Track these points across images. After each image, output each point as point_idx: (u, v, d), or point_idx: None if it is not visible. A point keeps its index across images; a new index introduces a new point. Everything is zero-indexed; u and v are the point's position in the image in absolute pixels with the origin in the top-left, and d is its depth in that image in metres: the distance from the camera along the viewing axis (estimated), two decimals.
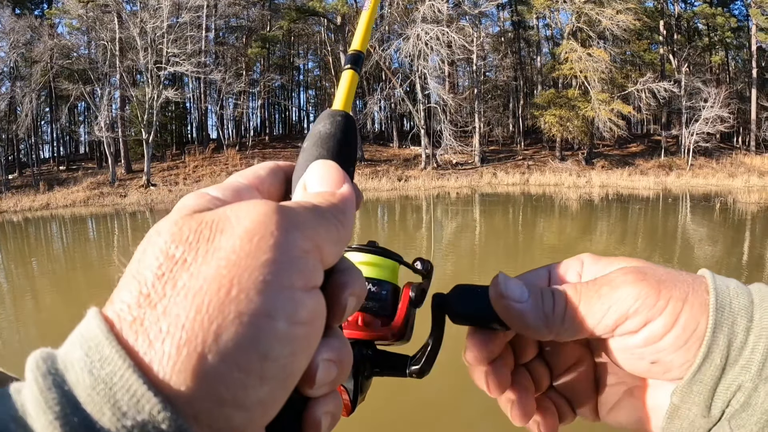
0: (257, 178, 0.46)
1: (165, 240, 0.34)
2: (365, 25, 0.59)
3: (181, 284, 0.32)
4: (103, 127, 29.55)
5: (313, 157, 0.47)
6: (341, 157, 0.48)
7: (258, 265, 0.32)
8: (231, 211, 0.35)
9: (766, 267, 13.55)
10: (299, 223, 0.36)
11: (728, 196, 28.82)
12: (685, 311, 0.48)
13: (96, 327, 0.31)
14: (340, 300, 0.40)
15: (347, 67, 0.55)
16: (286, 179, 0.49)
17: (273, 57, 45.76)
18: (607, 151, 41.27)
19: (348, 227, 0.42)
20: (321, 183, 0.44)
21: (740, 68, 47.71)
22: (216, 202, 0.39)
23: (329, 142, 0.49)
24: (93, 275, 13.05)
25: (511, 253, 15.59)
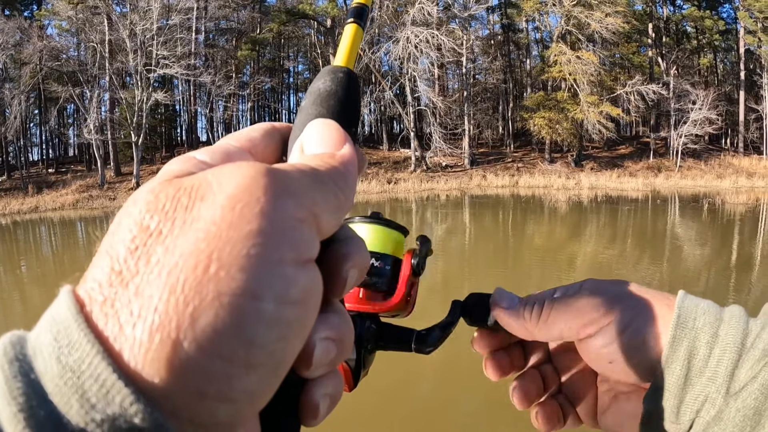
0: (250, 141, 0.42)
1: (140, 209, 0.30)
2: None
3: (155, 260, 0.28)
4: (93, 130, 29.47)
5: (311, 117, 0.43)
6: (343, 117, 0.44)
7: (241, 237, 0.28)
8: (213, 175, 0.31)
9: (754, 267, 13.64)
10: (292, 188, 0.32)
11: (716, 197, 28.98)
12: (637, 319, 0.56)
13: (66, 308, 0.28)
14: (341, 273, 0.36)
15: (350, 20, 0.51)
16: (282, 141, 0.44)
17: (263, 59, 45.69)
18: (596, 153, 41.40)
19: (349, 192, 0.37)
20: (320, 144, 0.40)
21: (728, 71, 48.01)
22: (202, 167, 0.35)
23: (330, 100, 0.44)
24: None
25: (501, 255, 15.63)
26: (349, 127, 0.43)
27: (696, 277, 12.70)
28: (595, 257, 14.92)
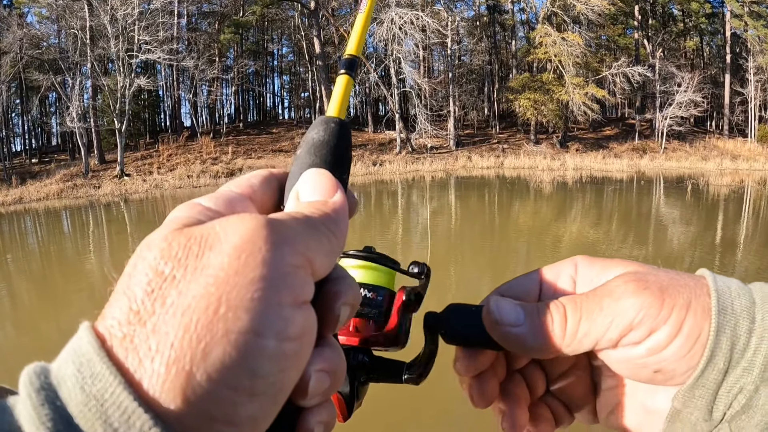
0: (250, 187, 0.45)
1: (154, 255, 0.34)
2: (360, 29, 0.57)
3: (170, 301, 0.32)
4: (75, 118, 28.98)
5: (306, 165, 0.47)
6: (335, 165, 0.47)
7: (246, 283, 0.32)
8: (220, 226, 0.35)
9: (738, 247, 13.61)
10: (288, 237, 0.36)
11: (701, 179, 29.02)
12: (689, 318, 0.47)
13: (87, 343, 0.31)
14: (333, 310, 0.40)
15: (342, 72, 0.54)
16: (279, 187, 0.48)
17: (246, 43, 45.28)
18: (581, 135, 41.43)
19: (341, 237, 0.41)
20: (313, 192, 0.43)
21: (714, 54, 48.07)
22: (208, 213, 0.39)
23: (322, 149, 0.48)
24: (68, 269, 12.81)
25: (487, 236, 15.53)
26: (341, 174, 0.47)
27: (680, 256, 12.64)
28: (581, 237, 14.84)
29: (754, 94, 40.75)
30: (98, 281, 11.39)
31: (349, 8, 41.96)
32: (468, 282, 10.50)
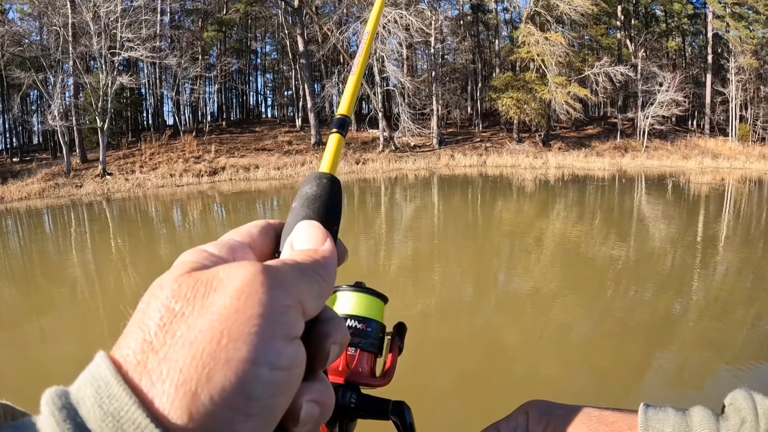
0: (250, 236, 0.50)
1: (166, 295, 0.38)
2: (352, 91, 0.61)
3: (179, 334, 0.36)
4: (57, 116, 28.68)
5: (300, 217, 0.52)
6: (326, 218, 0.52)
7: (245, 319, 0.37)
8: (223, 271, 0.40)
9: (719, 244, 13.71)
10: (282, 281, 0.40)
11: (682, 177, 29.25)
12: None
13: (105, 368, 0.35)
14: (323, 348, 0.44)
15: (334, 130, 0.59)
16: (275, 235, 0.52)
17: (229, 41, 45.09)
18: (564, 134, 41.66)
19: (329, 281, 0.46)
20: (305, 241, 0.48)
21: (696, 54, 48.54)
22: (212, 259, 0.44)
23: (315, 203, 0.52)
24: (51, 270, 12.67)
25: (470, 234, 15.56)
26: (331, 226, 0.52)
27: (662, 254, 12.71)
28: (563, 235, 14.89)
29: (735, 93, 41.21)
30: (81, 280, 11.30)
31: (332, 6, 41.92)
32: (451, 282, 10.51)
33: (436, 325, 8.13)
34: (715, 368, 6.65)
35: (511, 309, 8.90)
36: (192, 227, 17.73)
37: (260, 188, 26.04)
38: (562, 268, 11.45)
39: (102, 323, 8.41)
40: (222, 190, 25.53)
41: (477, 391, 6.08)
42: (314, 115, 36.01)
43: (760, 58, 41.41)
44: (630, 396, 6.05)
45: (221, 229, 17.21)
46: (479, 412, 5.60)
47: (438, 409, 5.61)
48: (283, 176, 29.49)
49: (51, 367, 6.84)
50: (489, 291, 10.15)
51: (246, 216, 19.43)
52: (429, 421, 5.39)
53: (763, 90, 43.33)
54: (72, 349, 7.37)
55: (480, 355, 7.04)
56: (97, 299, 9.84)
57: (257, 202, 22.78)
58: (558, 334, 7.75)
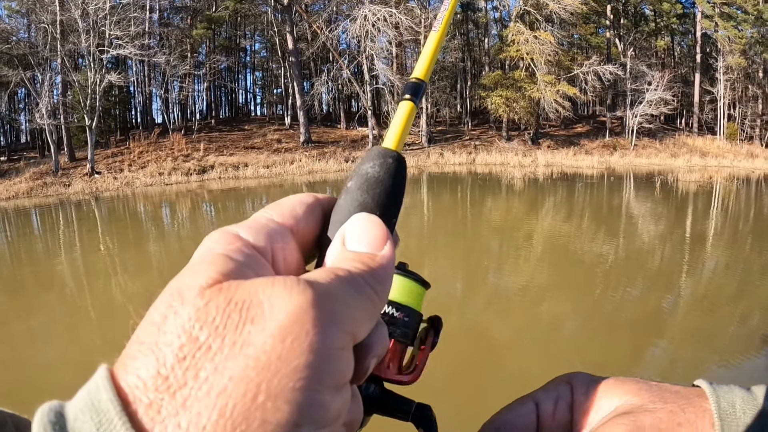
0: (294, 218, 0.43)
1: (189, 315, 0.31)
2: (432, 51, 0.52)
3: (203, 376, 0.30)
4: (45, 114, 28.43)
5: (357, 203, 0.44)
6: (387, 209, 0.45)
7: (289, 371, 0.30)
8: (264, 294, 0.32)
9: (707, 242, 13.77)
10: (336, 315, 0.33)
11: (670, 175, 29.40)
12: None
13: (108, 400, 0.29)
14: (363, 364, 0.38)
15: (406, 97, 0.50)
16: (323, 215, 0.45)
17: (219, 38, 44.87)
18: (553, 132, 41.79)
19: (384, 299, 0.39)
20: (362, 241, 0.41)
21: (685, 53, 48.76)
22: (246, 252, 0.37)
23: (376, 188, 0.45)
24: (39, 270, 12.60)
25: (459, 232, 15.57)
26: (390, 218, 0.45)
27: (651, 251, 12.77)
28: (553, 232, 14.93)
29: (724, 93, 41.44)
30: (69, 280, 11.24)
31: (322, 4, 41.81)
32: (441, 279, 10.50)
33: None
34: (705, 363, 6.68)
35: (500, 305, 8.91)
36: (181, 226, 17.67)
37: (249, 186, 25.99)
38: (552, 265, 11.48)
39: (91, 323, 8.37)
40: (211, 189, 25.45)
41: (467, 387, 6.08)
42: (303, 113, 35.91)
43: (749, 57, 41.66)
44: None
45: (210, 227, 17.13)
46: (470, 409, 5.60)
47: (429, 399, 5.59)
48: (272, 174, 29.43)
49: (38, 367, 6.80)
50: (479, 288, 10.17)
51: (235, 215, 19.40)
52: None
53: (751, 89, 43.62)
54: (60, 349, 7.33)
55: (470, 351, 7.04)
56: (85, 299, 9.78)
57: (246, 200, 22.71)
58: (548, 329, 7.77)
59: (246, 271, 0.35)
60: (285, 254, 0.41)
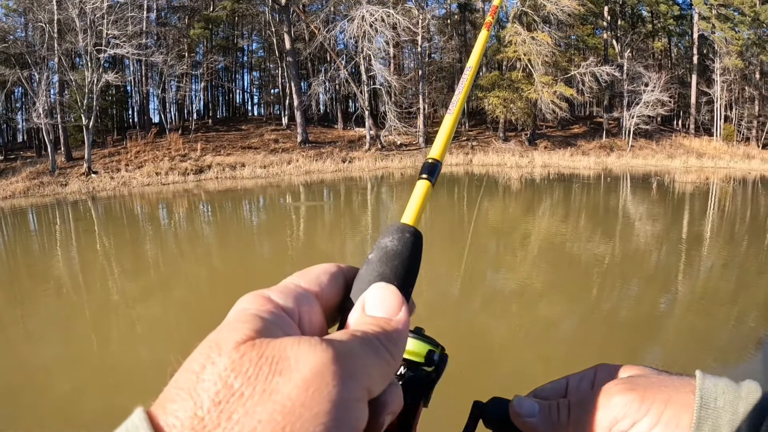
0: (319, 285, 0.48)
1: (225, 366, 0.35)
2: (448, 132, 0.59)
3: (236, 418, 0.33)
4: (42, 114, 28.34)
5: (376, 274, 0.49)
6: (403, 279, 0.50)
7: (311, 416, 0.34)
8: (291, 350, 0.37)
9: (704, 243, 13.80)
10: (353, 369, 0.38)
11: (667, 176, 29.45)
12: (668, 411, 0.55)
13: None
14: (378, 420, 0.42)
15: (423, 176, 0.56)
16: (345, 282, 0.51)
17: (216, 38, 44.78)
18: (549, 133, 41.85)
19: (398, 359, 0.44)
20: (379, 307, 0.46)
21: (682, 55, 48.89)
22: (276, 313, 0.42)
23: (394, 260, 0.50)
24: (35, 269, 12.57)
25: (457, 233, 15.56)
26: (407, 287, 0.50)
27: (648, 252, 12.79)
28: (549, 233, 14.94)
29: (720, 94, 41.56)
30: (65, 279, 11.22)
31: (320, 4, 41.78)
32: (437, 279, 10.50)
33: (420, 323, 8.12)
34: (700, 364, 6.67)
35: (496, 306, 8.92)
36: (178, 226, 17.64)
37: (246, 186, 25.96)
38: (548, 266, 11.49)
39: (87, 322, 8.35)
40: (208, 189, 25.42)
41: (462, 389, 6.08)
42: (301, 113, 35.89)
43: (745, 59, 41.78)
44: None
45: (207, 228, 17.16)
46: (464, 410, 5.60)
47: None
48: (269, 174, 29.41)
49: (35, 367, 6.79)
50: (475, 288, 10.17)
51: (232, 215, 19.39)
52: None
53: (748, 90, 43.77)
54: (56, 348, 7.32)
55: (465, 352, 7.04)
56: (82, 298, 9.77)
57: (243, 200, 22.70)
58: (543, 330, 7.78)
59: (275, 330, 0.39)
60: (310, 316, 0.46)
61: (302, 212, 18.99)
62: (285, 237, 15.16)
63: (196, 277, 11.24)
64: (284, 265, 11.99)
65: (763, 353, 6.98)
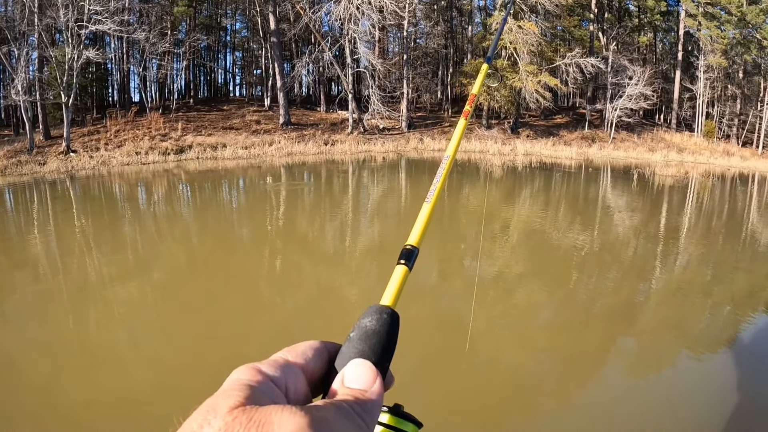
0: (304, 359, 0.54)
1: (219, 427, 0.41)
2: (426, 219, 0.64)
3: None
4: (21, 91, 27.86)
5: (356, 351, 0.55)
6: (380, 355, 0.55)
7: None
8: (275, 416, 0.42)
9: (681, 234, 13.91)
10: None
11: (647, 169, 29.65)
12: None
13: None
14: None
15: (401, 262, 0.61)
16: (329, 358, 0.57)
17: (200, 16, 44.27)
18: (532, 122, 42.00)
19: (371, 425, 0.49)
20: (356, 381, 0.53)
21: (667, 50, 49.15)
22: (265, 383, 0.48)
23: (372, 339, 0.56)
24: (11, 250, 12.38)
25: (437, 218, 15.53)
26: (383, 362, 0.55)
27: (625, 242, 12.86)
28: (529, 221, 14.97)
29: (703, 91, 41.89)
30: (42, 260, 11.07)
31: None
32: (416, 265, 10.46)
33: (399, 309, 8.09)
34: (675, 352, 6.73)
35: (476, 293, 8.90)
36: (157, 206, 17.47)
37: (227, 167, 25.79)
38: (527, 254, 11.51)
39: (64, 304, 8.24)
40: (188, 169, 25.22)
41: (441, 374, 6.07)
42: (283, 95, 35.68)
43: (730, 58, 42.13)
44: (593, 378, 6.10)
45: (186, 209, 17.01)
46: (443, 396, 5.59)
47: (402, 392, 5.57)
48: (250, 155, 29.24)
49: (9, 348, 6.70)
50: (453, 275, 10.16)
51: (212, 196, 19.24)
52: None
53: (731, 89, 44.19)
54: (33, 332, 7.22)
55: (443, 339, 7.03)
56: (59, 280, 9.64)
57: (224, 181, 22.53)
58: (522, 318, 7.79)
59: (263, 399, 0.45)
60: (296, 386, 0.51)
61: (282, 194, 18.89)
62: (265, 218, 15.08)
63: (175, 257, 11.13)
64: (263, 246, 11.93)
65: (737, 341, 7.05)
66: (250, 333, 7.09)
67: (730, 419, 5.13)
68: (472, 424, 5.14)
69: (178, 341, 6.83)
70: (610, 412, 5.32)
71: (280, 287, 9.09)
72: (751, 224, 16.52)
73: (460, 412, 5.34)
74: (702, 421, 5.13)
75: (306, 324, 7.29)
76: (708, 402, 5.48)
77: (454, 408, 5.40)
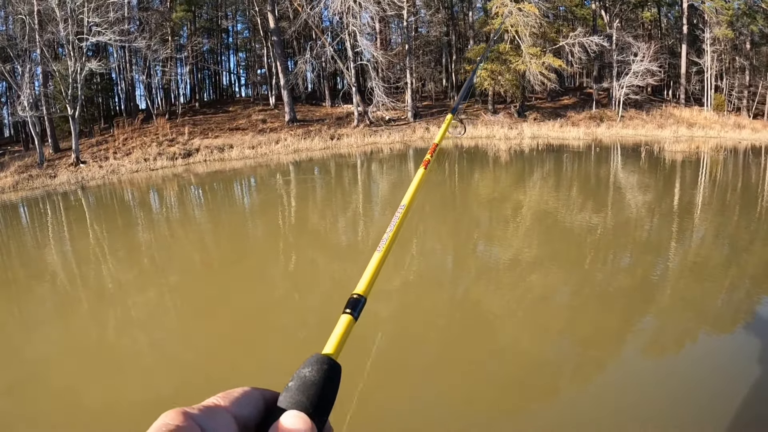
0: (238, 407, 0.53)
1: None
2: (374, 269, 0.63)
3: None
4: (27, 107, 28.01)
5: (293, 401, 0.54)
6: (317, 407, 0.54)
7: None
8: None
9: (695, 210, 13.78)
10: None
11: (657, 146, 29.44)
12: None
13: None
14: None
15: (347, 311, 0.60)
16: (265, 407, 0.55)
17: (199, 20, 44.30)
18: (539, 104, 41.77)
19: None
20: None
21: (671, 25, 48.62)
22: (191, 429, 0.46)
23: (311, 389, 0.54)
24: (29, 260, 12.45)
25: (449, 205, 15.53)
26: (321, 414, 0.54)
27: (639, 221, 12.76)
28: (540, 204, 14.89)
29: (710, 64, 41.46)
30: (59, 270, 11.12)
31: None
32: (431, 253, 10.45)
33: (416, 297, 8.08)
34: (693, 332, 6.66)
35: (491, 279, 8.87)
36: (168, 210, 17.52)
37: (235, 167, 25.84)
38: (540, 237, 11.45)
39: (84, 311, 8.28)
40: (197, 172, 25.28)
41: (459, 361, 6.03)
42: (288, 92, 35.66)
43: (736, 29, 41.67)
44: (611, 361, 6.04)
45: (198, 211, 17.04)
46: (462, 382, 5.55)
47: (422, 380, 5.55)
48: (257, 155, 29.26)
49: (33, 357, 6.74)
50: (468, 261, 10.13)
51: (223, 197, 19.27)
52: (414, 392, 5.34)
53: (738, 60, 43.70)
54: (55, 338, 7.25)
55: (461, 325, 6.99)
56: (77, 288, 9.68)
57: (233, 181, 22.57)
58: (538, 302, 7.74)
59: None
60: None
61: (293, 189, 18.89)
62: (276, 215, 15.09)
63: (189, 259, 11.15)
64: (276, 243, 11.93)
65: (756, 319, 6.97)
66: (269, 332, 7.09)
67: (746, 401, 5.05)
68: (490, 410, 5.11)
69: (197, 343, 6.85)
70: (628, 393, 5.27)
71: (296, 284, 9.09)
72: (766, 196, 16.35)
73: (476, 400, 5.30)
74: (719, 402, 5.06)
75: (324, 320, 7.26)
76: (725, 384, 5.41)
77: (471, 396, 5.36)
